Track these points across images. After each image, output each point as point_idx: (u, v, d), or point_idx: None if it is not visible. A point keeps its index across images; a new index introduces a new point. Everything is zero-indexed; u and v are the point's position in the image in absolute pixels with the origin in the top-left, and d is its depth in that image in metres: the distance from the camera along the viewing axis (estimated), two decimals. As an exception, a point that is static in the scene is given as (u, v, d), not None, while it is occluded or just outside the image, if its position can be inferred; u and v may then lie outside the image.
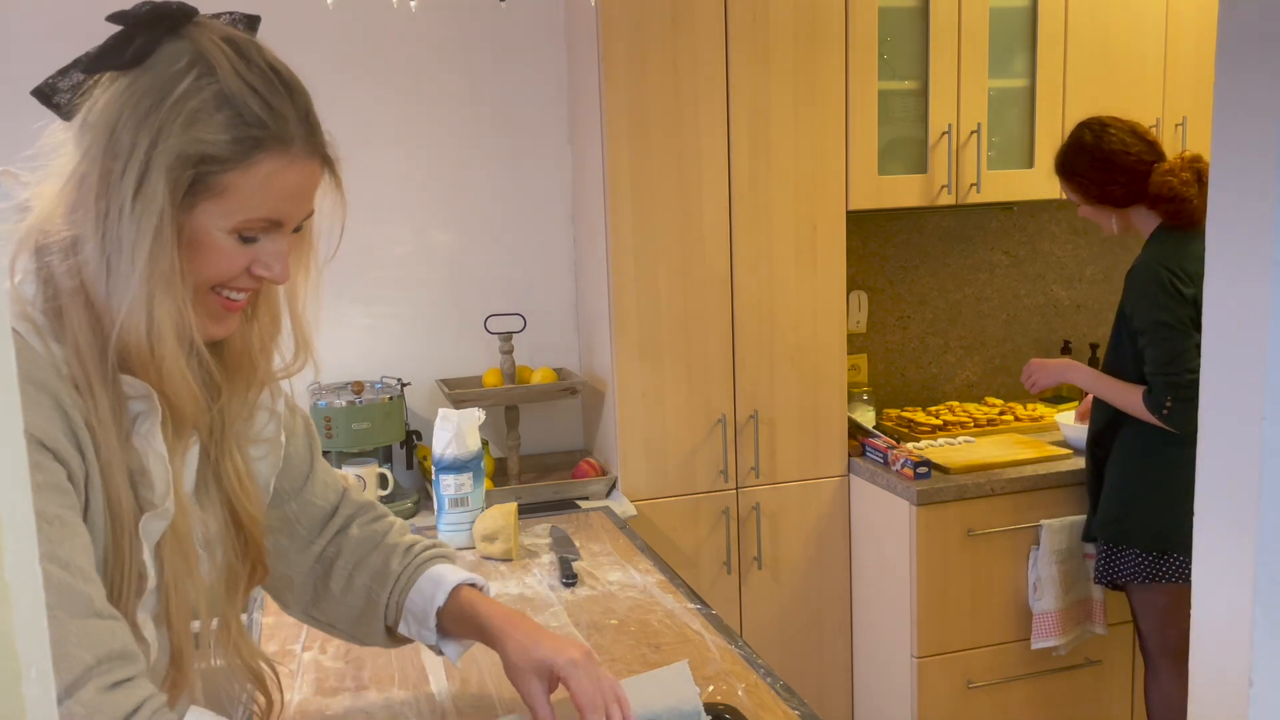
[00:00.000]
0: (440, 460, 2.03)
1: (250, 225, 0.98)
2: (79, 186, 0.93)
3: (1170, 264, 2.33)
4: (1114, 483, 2.48)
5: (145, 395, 0.97)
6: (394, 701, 1.39)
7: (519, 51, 2.88)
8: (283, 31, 2.70)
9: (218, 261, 0.98)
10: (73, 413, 0.91)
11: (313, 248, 1.16)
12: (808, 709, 1.32)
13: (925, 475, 2.65)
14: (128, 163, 0.92)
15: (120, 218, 0.92)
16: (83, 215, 0.93)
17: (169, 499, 0.98)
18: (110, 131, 0.92)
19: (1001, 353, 3.38)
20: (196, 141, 0.93)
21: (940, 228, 3.27)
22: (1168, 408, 2.31)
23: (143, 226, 0.92)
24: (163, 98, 0.92)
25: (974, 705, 2.74)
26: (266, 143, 0.96)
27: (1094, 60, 2.94)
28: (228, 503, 1.09)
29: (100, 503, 0.93)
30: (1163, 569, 2.41)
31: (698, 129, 2.64)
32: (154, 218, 0.92)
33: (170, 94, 0.93)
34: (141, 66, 0.94)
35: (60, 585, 0.85)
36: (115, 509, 0.95)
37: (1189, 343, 2.29)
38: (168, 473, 0.99)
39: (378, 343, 2.87)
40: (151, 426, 0.98)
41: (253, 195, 0.97)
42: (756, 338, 2.76)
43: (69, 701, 0.83)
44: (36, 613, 0.49)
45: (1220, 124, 1.44)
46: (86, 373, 0.93)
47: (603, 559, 1.92)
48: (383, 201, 2.83)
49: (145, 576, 0.97)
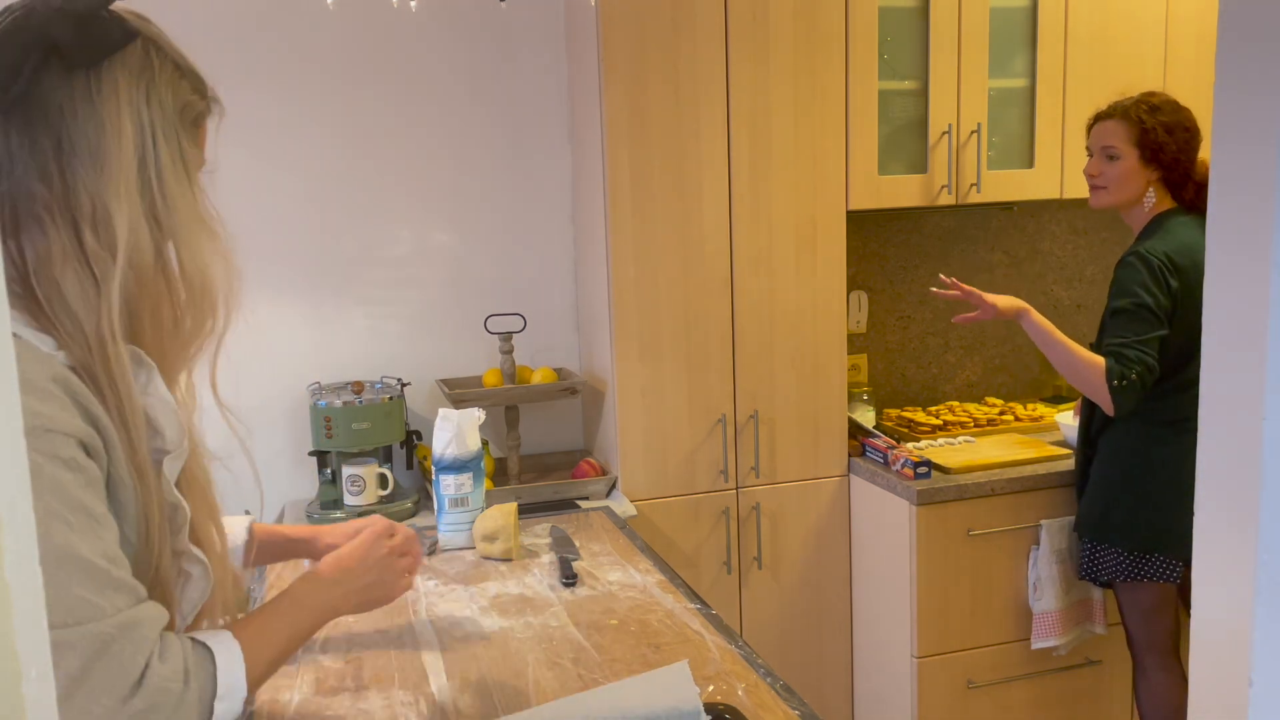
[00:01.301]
0: (440, 460, 2.03)
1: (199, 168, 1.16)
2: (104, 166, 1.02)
3: (1161, 254, 2.33)
4: (1097, 482, 2.48)
5: (142, 360, 1.06)
6: (394, 701, 1.39)
7: (519, 51, 2.88)
8: (283, 31, 2.72)
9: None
10: (84, 400, 0.98)
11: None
12: (808, 709, 1.32)
13: (925, 475, 2.65)
14: (153, 132, 1.06)
15: (163, 177, 1.06)
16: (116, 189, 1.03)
17: (185, 440, 1.09)
18: (133, 109, 1.05)
19: (1001, 353, 3.38)
20: (183, 97, 1.11)
21: (940, 228, 3.27)
22: (1127, 380, 2.27)
23: (182, 179, 1.08)
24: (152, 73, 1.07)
25: (974, 705, 2.74)
26: (212, 102, 1.19)
27: (1094, 60, 2.94)
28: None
29: (124, 467, 1.01)
30: (1145, 568, 2.42)
31: (698, 129, 2.64)
32: (189, 168, 1.10)
33: (151, 73, 1.07)
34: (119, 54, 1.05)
35: (118, 582, 0.97)
36: (141, 466, 1.03)
37: (1161, 332, 2.30)
38: (178, 417, 1.09)
39: (378, 343, 2.87)
40: (154, 384, 1.07)
41: (204, 142, 1.18)
42: (756, 338, 2.76)
43: (153, 666, 0.97)
44: (37, 613, 0.49)
45: (1220, 124, 1.44)
46: (102, 346, 1.00)
47: (603, 559, 1.92)
48: (383, 201, 2.83)
49: (181, 508, 1.08)
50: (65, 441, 0.95)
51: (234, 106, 2.99)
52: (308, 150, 2.76)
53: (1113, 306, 2.37)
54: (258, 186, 2.73)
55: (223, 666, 1.06)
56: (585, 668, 1.46)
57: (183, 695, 1.00)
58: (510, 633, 1.60)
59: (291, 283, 2.79)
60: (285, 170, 2.75)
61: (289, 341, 2.80)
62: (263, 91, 2.70)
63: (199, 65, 1.17)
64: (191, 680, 1.02)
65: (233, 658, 1.08)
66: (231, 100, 1.30)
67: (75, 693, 0.93)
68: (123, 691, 0.95)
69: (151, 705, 0.97)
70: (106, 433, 0.99)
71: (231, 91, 2.83)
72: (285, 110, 2.73)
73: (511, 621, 1.64)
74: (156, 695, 0.97)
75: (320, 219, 2.80)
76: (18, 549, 0.48)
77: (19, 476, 0.49)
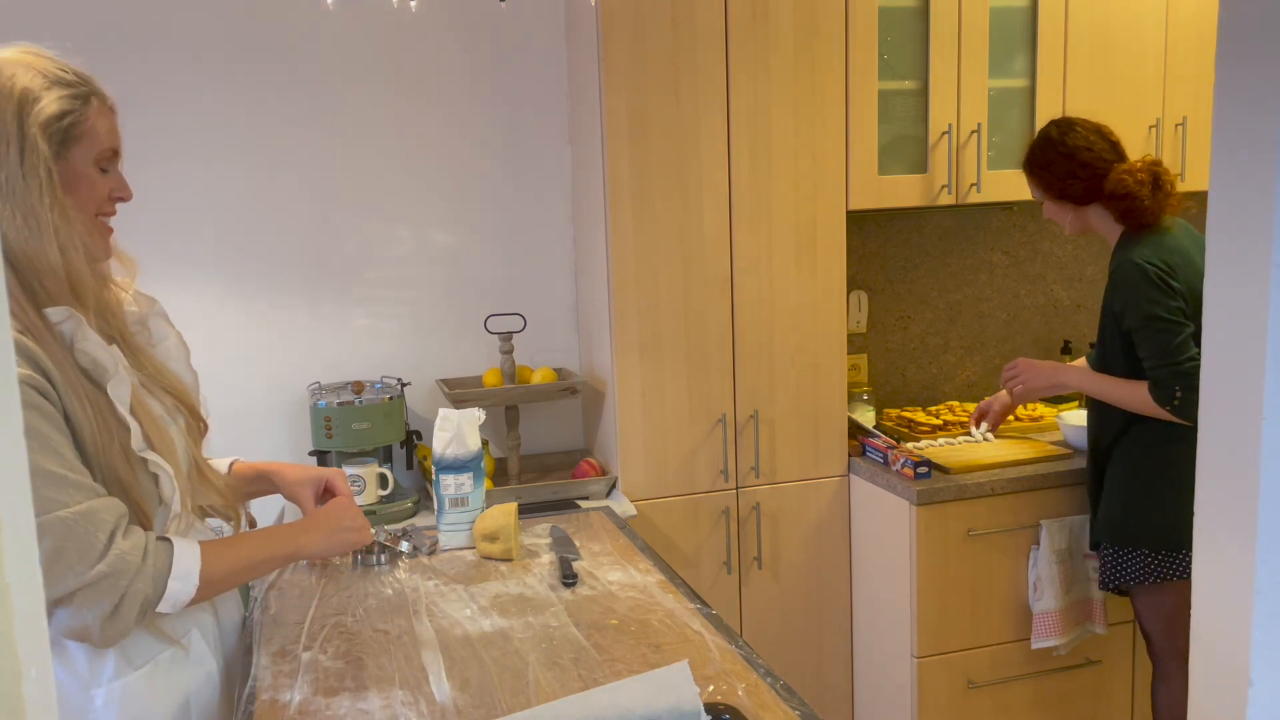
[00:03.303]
0: (440, 460, 2.03)
1: (103, 156, 1.40)
2: None
3: (1152, 258, 2.33)
4: (1115, 485, 2.47)
5: (68, 316, 1.33)
6: (394, 701, 1.39)
7: (519, 51, 2.88)
8: (283, 31, 2.72)
9: (92, 191, 1.39)
10: (32, 355, 1.28)
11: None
12: (808, 709, 1.32)
13: (925, 475, 2.65)
14: (9, 142, 1.30)
15: (17, 181, 1.30)
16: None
17: (119, 367, 1.36)
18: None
19: (1001, 353, 3.38)
20: (50, 107, 1.33)
21: (940, 227, 3.27)
22: (1178, 398, 2.30)
23: (33, 181, 1.30)
24: (9, 95, 1.31)
25: (974, 705, 2.74)
26: (90, 95, 1.38)
27: (1094, 60, 2.94)
28: (164, 385, 1.49)
29: (74, 400, 1.31)
30: (1171, 567, 2.41)
31: (698, 129, 2.64)
32: (41, 170, 1.31)
33: (14, 91, 1.31)
34: None
35: (75, 482, 1.28)
36: (88, 395, 1.32)
37: (1185, 332, 2.30)
38: (109, 352, 1.36)
39: (378, 343, 2.87)
40: (81, 330, 1.34)
41: (98, 132, 1.38)
42: (756, 337, 2.76)
43: (116, 542, 1.28)
44: (37, 613, 0.49)
45: (1220, 124, 1.44)
46: (26, 314, 1.30)
47: (603, 559, 1.92)
48: (383, 201, 2.83)
49: (127, 426, 1.36)
50: (20, 387, 1.19)
51: (234, 106, 2.99)
52: (308, 150, 2.76)
53: (1125, 326, 2.38)
54: (258, 186, 2.73)
55: (179, 555, 1.36)
56: (585, 668, 1.46)
57: (141, 566, 1.30)
58: (510, 633, 1.60)
59: (291, 283, 2.79)
60: (285, 170, 2.74)
61: (289, 341, 2.80)
62: (263, 92, 2.70)
63: (81, 67, 1.40)
64: (149, 557, 1.32)
65: (190, 553, 1.38)
66: (232, 100, 1.32)
67: (53, 565, 1.27)
68: (90, 560, 1.26)
69: (114, 570, 1.27)
70: (52, 375, 1.29)
71: (232, 92, 2.83)
72: (285, 110, 2.72)
73: (511, 621, 1.64)
74: (118, 563, 1.28)
75: (320, 219, 2.80)
76: (18, 549, 0.48)
77: (19, 477, 0.49)
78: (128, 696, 1.39)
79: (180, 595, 1.35)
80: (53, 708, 0.51)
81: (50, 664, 0.51)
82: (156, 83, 2.63)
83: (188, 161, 2.66)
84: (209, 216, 2.70)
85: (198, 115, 2.66)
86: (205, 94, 2.66)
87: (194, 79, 2.65)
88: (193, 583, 1.36)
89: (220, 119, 2.68)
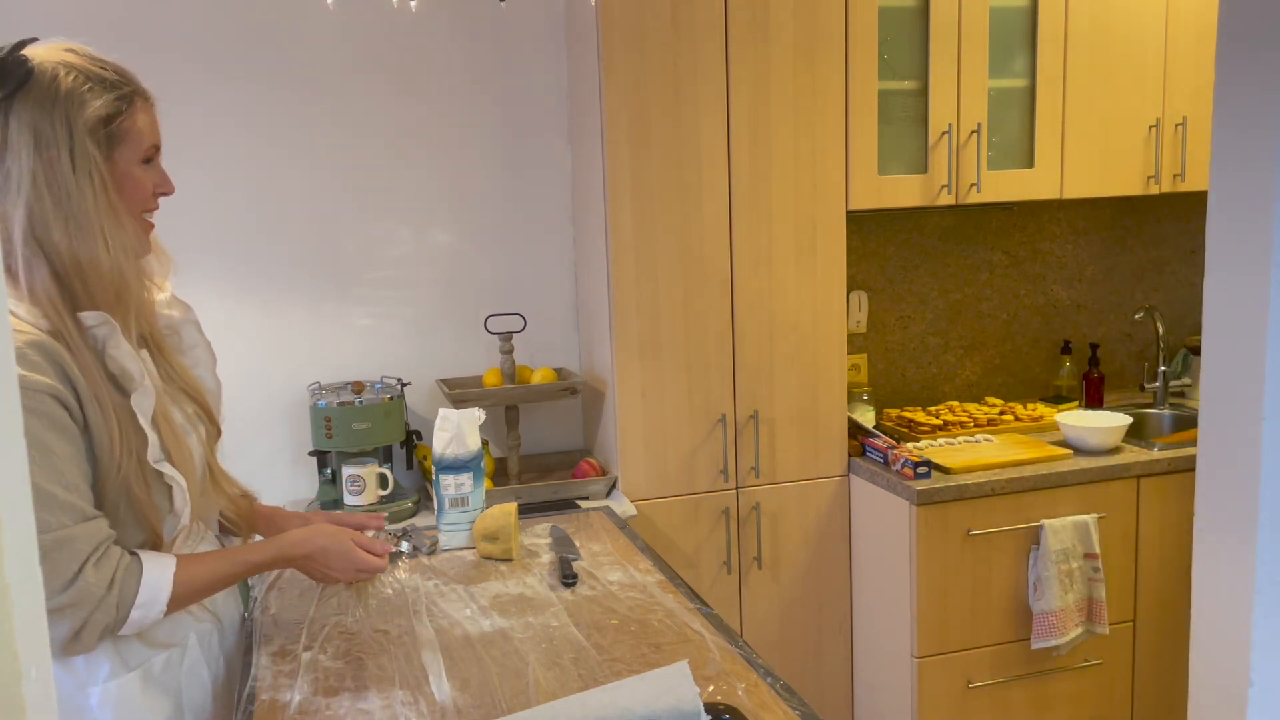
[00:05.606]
0: (440, 460, 2.03)
1: (149, 152, 1.42)
2: (33, 183, 1.30)
3: None
4: None
5: (103, 322, 1.34)
6: (394, 701, 1.39)
7: (519, 51, 2.88)
8: (283, 31, 2.72)
9: (138, 190, 1.41)
10: (60, 359, 1.28)
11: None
12: (808, 709, 1.32)
13: (925, 475, 2.65)
14: (59, 147, 1.30)
15: (70, 186, 1.31)
16: (42, 202, 1.30)
17: (146, 379, 1.37)
18: (35, 135, 1.30)
19: (1001, 353, 3.38)
20: (97, 110, 1.33)
21: (940, 228, 3.27)
22: None
23: (86, 186, 1.31)
24: (55, 98, 1.31)
25: (974, 705, 2.74)
26: (134, 95, 1.40)
27: (1094, 60, 2.94)
28: (187, 391, 1.51)
29: (96, 409, 1.31)
30: None
31: (698, 129, 2.64)
32: (95, 175, 1.33)
33: (59, 94, 1.31)
34: (25, 88, 1.31)
35: (65, 504, 1.27)
36: (112, 402, 1.33)
37: None
38: (139, 362, 1.37)
39: (378, 343, 2.87)
40: (114, 338, 1.34)
41: (142, 130, 1.40)
42: (756, 337, 2.75)
43: (85, 572, 1.28)
44: (37, 613, 0.49)
45: (1220, 124, 1.44)
46: (61, 319, 1.30)
47: (603, 559, 1.92)
48: (383, 201, 2.83)
49: (145, 436, 1.36)
50: (37, 395, 1.25)
51: (234, 107, 2.99)
52: (308, 150, 2.76)
53: None
54: (258, 187, 2.73)
55: (148, 581, 1.35)
56: (585, 668, 1.46)
57: (104, 597, 1.30)
58: (510, 633, 1.60)
59: (291, 283, 2.79)
60: (285, 171, 2.74)
61: (289, 341, 2.80)
62: (262, 92, 2.70)
63: (122, 64, 1.42)
64: (114, 587, 1.31)
65: (161, 576, 1.37)
66: (231, 100, 1.33)
67: None
68: (55, 589, 1.27)
69: (76, 601, 1.28)
70: (77, 383, 1.29)
71: (231, 92, 2.83)
72: (285, 110, 2.72)
73: (511, 621, 1.64)
74: (81, 594, 1.28)
75: (320, 219, 2.80)
76: (18, 549, 0.48)
77: (19, 478, 0.49)
78: (123, 696, 1.39)
79: (144, 621, 1.37)
80: (53, 708, 0.51)
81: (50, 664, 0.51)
82: (155, 84, 2.61)
83: (188, 162, 2.66)
84: (209, 217, 2.70)
85: (198, 116, 2.66)
86: (205, 95, 2.66)
87: (194, 80, 2.65)
88: (158, 608, 1.37)
89: (220, 120, 2.68)
